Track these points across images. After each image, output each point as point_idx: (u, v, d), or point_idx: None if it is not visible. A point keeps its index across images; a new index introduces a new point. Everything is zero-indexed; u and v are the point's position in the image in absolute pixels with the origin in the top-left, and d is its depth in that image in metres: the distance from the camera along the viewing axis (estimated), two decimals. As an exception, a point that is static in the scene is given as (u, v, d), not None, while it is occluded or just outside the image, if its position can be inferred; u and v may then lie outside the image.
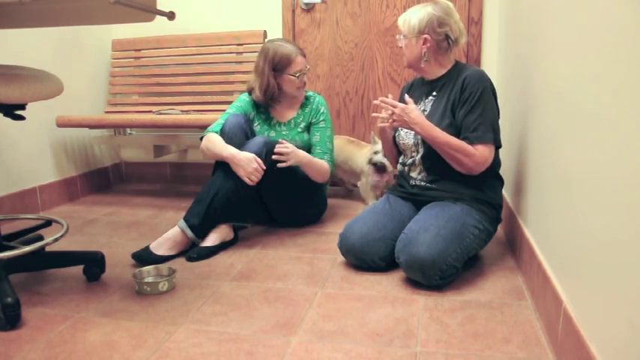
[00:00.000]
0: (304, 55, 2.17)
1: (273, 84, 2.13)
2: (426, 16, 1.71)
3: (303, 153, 2.06)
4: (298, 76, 2.12)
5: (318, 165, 2.12)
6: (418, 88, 1.89)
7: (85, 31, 2.95)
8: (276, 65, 2.12)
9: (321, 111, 2.23)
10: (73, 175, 2.87)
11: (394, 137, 1.88)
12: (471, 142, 1.66)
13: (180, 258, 1.88)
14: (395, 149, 1.94)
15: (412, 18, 1.74)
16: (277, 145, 2.00)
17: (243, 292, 1.59)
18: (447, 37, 1.72)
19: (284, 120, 2.23)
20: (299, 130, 2.21)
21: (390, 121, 1.72)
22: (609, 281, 0.92)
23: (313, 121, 2.21)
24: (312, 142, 2.21)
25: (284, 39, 2.20)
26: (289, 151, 2.00)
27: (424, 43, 1.73)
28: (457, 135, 1.69)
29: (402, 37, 1.78)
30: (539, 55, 1.60)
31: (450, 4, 1.76)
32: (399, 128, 1.85)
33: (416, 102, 1.85)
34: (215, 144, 1.98)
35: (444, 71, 1.79)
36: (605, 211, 0.95)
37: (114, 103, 3.10)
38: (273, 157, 1.98)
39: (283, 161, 1.99)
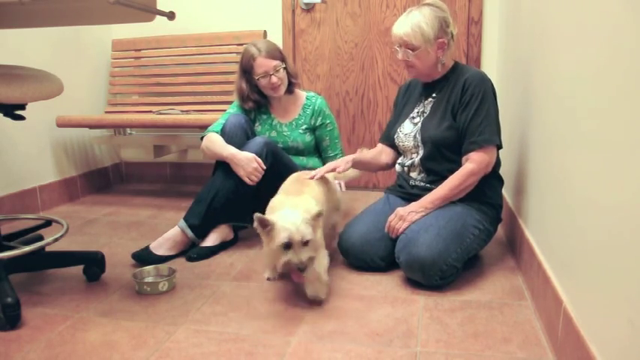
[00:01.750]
0: (272, 57, 2.04)
1: (242, 87, 2.10)
2: (435, 20, 1.64)
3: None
4: (258, 79, 2.05)
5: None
6: (417, 89, 1.88)
7: (85, 31, 2.95)
8: (244, 68, 2.09)
9: (325, 113, 2.21)
10: (73, 175, 2.87)
11: (394, 139, 1.88)
12: (480, 146, 1.65)
13: (180, 258, 1.88)
14: (394, 152, 1.93)
15: (422, 26, 1.63)
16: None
17: (243, 292, 1.59)
18: (452, 34, 1.71)
19: (285, 121, 2.21)
20: (300, 131, 2.20)
21: (401, 230, 1.66)
22: (609, 281, 0.92)
23: (318, 124, 2.20)
24: (323, 147, 2.24)
25: (264, 40, 2.16)
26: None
27: (439, 48, 1.68)
28: (457, 136, 1.69)
29: (407, 50, 1.67)
30: (539, 55, 1.59)
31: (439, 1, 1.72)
32: (399, 130, 1.84)
33: (415, 103, 1.85)
34: (215, 144, 1.98)
35: (445, 72, 1.78)
36: (605, 212, 0.95)
37: (114, 103, 3.10)
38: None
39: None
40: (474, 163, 1.65)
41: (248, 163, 1.90)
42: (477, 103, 1.65)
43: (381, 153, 1.95)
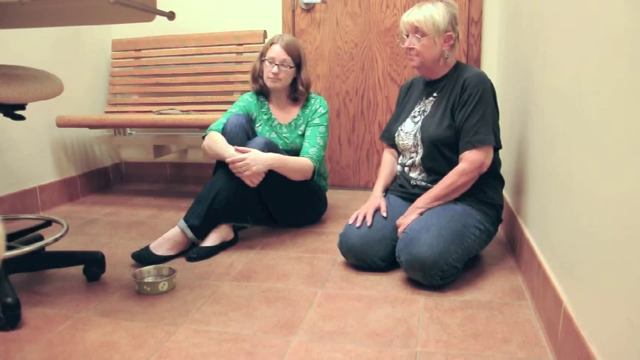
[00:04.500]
0: (288, 52, 2.09)
1: (256, 67, 2.18)
2: (447, 14, 1.70)
3: (267, 155, 1.94)
4: (264, 61, 2.12)
5: (291, 163, 2.02)
6: (418, 88, 1.89)
7: (85, 31, 2.95)
8: (262, 50, 2.17)
9: (319, 110, 2.19)
10: (73, 175, 2.87)
11: (394, 137, 1.88)
12: (474, 146, 1.65)
13: (180, 258, 1.88)
14: (395, 151, 1.93)
15: (434, 16, 1.68)
16: (229, 158, 1.90)
17: (243, 292, 1.59)
18: (458, 34, 1.74)
19: (285, 122, 2.21)
20: (299, 132, 2.20)
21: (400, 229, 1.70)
22: (609, 281, 0.92)
23: (309, 120, 2.19)
24: (305, 135, 2.18)
25: (293, 38, 2.17)
26: (246, 157, 1.89)
27: (446, 41, 1.72)
28: (456, 136, 1.69)
29: (416, 36, 1.71)
30: (539, 55, 1.60)
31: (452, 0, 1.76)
32: (400, 128, 1.85)
33: (416, 102, 1.86)
34: (217, 143, 1.97)
35: (447, 71, 1.79)
36: (605, 211, 0.95)
37: (114, 103, 3.10)
38: (235, 172, 1.90)
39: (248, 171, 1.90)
40: (466, 162, 1.66)
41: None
42: (474, 102, 1.66)
43: (394, 162, 1.94)
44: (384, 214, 1.75)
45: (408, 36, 1.74)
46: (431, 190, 1.71)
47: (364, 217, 1.76)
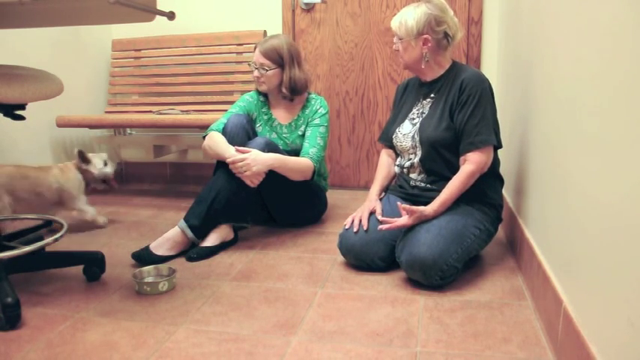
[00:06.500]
0: (265, 55, 2.08)
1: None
2: (423, 16, 1.68)
3: (267, 155, 1.94)
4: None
5: (291, 163, 2.03)
6: (415, 89, 1.88)
7: (85, 31, 2.95)
8: None
9: (319, 111, 2.18)
10: (73, 175, 2.86)
11: (392, 139, 1.88)
12: (477, 147, 1.65)
13: (180, 258, 1.88)
14: (393, 153, 1.93)
15: (408, 19, 1.69)
16: (229, 158, 1.90)
17: (243, 292, 1.59)
18: (446, 34, 1.72)
19: (285, 122, 2.21)
20: (299, 132, 2.19)
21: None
22: (609, 281, 0.92)
23: (309, 121, 2.19)
24: (305, 136, 2.17)
25: (279, 37, 2.15)
26: (246, 158, 1.89)
27: (424, 44, 1.71)
28: (455, 137, 1.69)
29: (398, 40, 1.75)
30: (539, 55, 1.60)
31: (443, 0, 1.74)
32: (397, 130, 1.84)
33: (413, 103, 1.85)
34: (218, 144, 1.97)
35: (442, 71, 1.78)
36: (605, 212, 0.95)
37: (114, 103, 3.11)
38: (235, 172, 1.90)
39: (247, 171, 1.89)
40: (472, 164, 1.65)
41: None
42: (474, 103, 1.65)
43: (391, 164, 1.93)
44: (379, 217, 1.74)
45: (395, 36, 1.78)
46: (441, 198, 1.65)
47: (360, 221, 1.76)
